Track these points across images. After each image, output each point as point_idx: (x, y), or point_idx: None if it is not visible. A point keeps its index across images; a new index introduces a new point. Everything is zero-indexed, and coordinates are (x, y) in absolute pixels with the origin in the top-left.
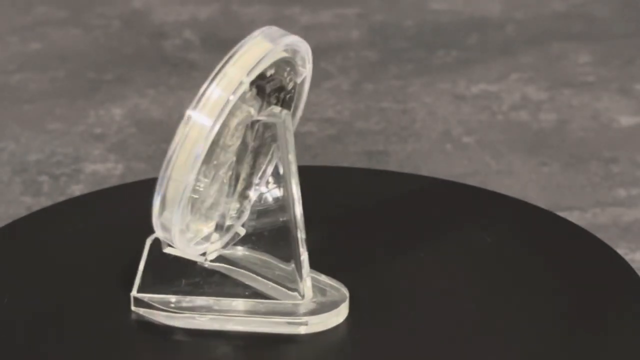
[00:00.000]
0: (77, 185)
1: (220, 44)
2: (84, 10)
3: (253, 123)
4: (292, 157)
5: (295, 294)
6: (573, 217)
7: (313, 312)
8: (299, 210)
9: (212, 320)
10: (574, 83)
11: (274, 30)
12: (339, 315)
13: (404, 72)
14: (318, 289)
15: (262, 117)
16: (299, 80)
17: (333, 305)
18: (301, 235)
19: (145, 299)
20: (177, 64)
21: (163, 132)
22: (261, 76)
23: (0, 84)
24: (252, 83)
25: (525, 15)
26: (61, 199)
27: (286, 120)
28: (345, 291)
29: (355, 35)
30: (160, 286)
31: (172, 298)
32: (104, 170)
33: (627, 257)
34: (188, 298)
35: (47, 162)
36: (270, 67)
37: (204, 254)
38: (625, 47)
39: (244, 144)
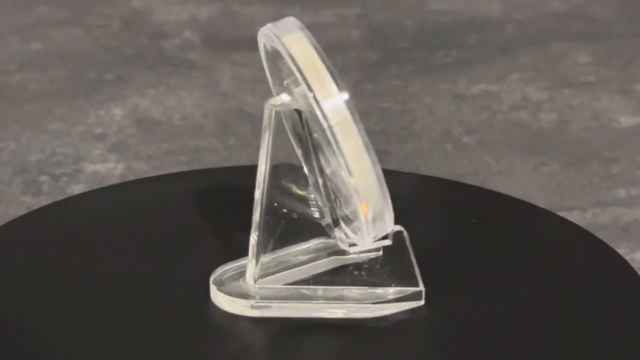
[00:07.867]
0: (78, 185)
1: (220, 44)
2: (84, 10)
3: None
4: (263, 158)
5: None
6: (573, 217)
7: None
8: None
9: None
10: (574, 83)
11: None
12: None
13: (404, 72)
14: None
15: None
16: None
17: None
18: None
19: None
20: (177, 64)
21: (163, 132)
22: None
23: (0, 84)
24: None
25: (525, 15)
26: (61, 199)
27: (272, 114)
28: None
29: (356, 35)
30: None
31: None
32: (104, 170)
33: (627, 257)
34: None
35: (47, 162)
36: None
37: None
38: (625, 47)
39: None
